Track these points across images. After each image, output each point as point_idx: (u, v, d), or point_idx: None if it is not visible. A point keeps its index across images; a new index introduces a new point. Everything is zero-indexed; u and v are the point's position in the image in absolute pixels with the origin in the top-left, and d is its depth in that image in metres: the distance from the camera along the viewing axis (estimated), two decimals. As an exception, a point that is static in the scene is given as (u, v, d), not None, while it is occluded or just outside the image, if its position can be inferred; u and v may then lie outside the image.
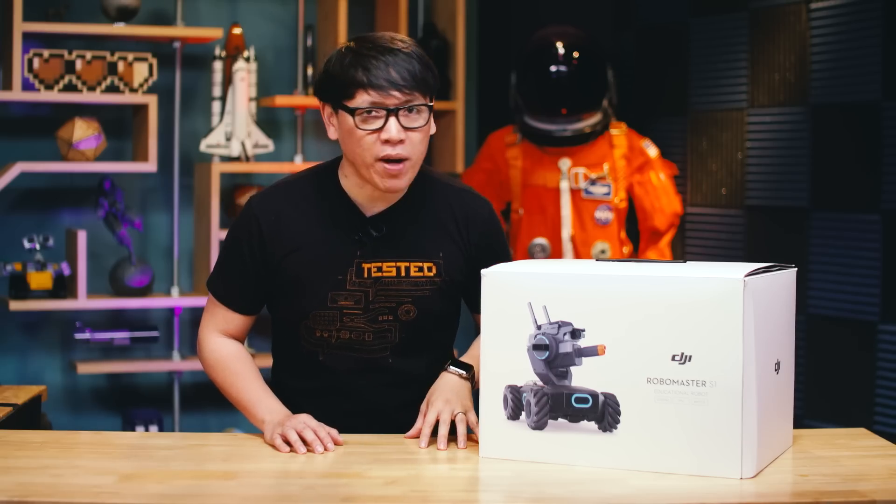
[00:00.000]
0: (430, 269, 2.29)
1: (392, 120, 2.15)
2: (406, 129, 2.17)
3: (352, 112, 2.17)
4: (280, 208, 2.29)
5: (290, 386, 2.37)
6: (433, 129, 2.25)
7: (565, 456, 2.03)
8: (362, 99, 2.15)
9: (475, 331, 2.44)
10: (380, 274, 2.26)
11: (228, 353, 2.34)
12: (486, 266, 2.17)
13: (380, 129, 2.16)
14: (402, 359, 2.31)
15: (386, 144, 2.16)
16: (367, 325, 2.28)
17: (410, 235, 2.28)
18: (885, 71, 3.61)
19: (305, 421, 2.16)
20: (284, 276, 2.28)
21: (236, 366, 2.32)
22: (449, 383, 2.26)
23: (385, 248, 2.27)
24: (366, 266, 2.26)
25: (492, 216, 2.38)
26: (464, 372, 2.27)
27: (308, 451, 2.11)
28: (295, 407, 2.28)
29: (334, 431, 2.16)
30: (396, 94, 2.15)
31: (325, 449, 2.11)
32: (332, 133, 2.24)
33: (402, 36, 2.23)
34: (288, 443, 2.13)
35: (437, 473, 2.01)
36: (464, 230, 2.32)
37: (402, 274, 2.27)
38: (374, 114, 2.16)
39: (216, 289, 2.35)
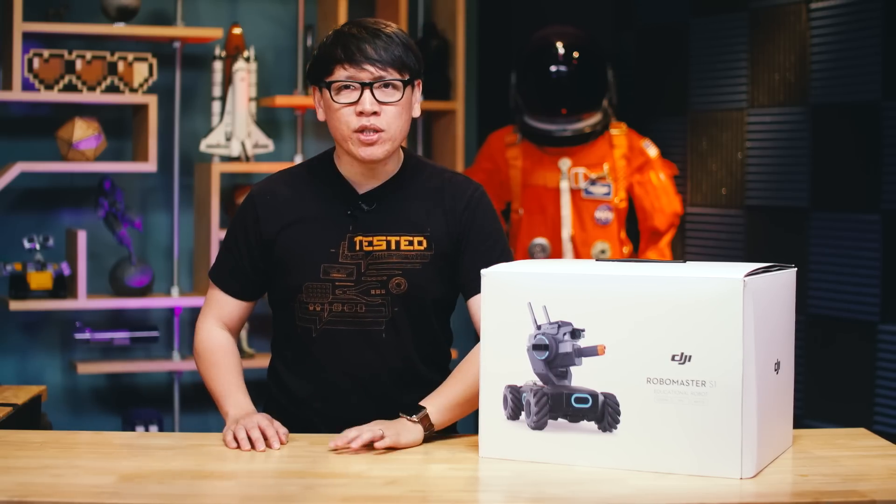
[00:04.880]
0: (420, 243, 2.35)
1: (366, 93, 2.26)
2: (380, 102, 2.27)
3: (329, 86, 2.28)
4: (276, 190, 2.40)
5: (284, 373, 2.43)
6: (416, 112, 2.36)
7: (565, 456, 2.03)
8: (339, 73, 2.28)
9: (472, 324, 2.44)
10: (371, 248, 2.33)
11: (214, 344, 2.41)
12: (475, 246, 2.31)
13: (355, 102, 2.27)
14: (396, 335, 2.35)
15: (361, 116, 2.27)
16: (359, 297, 2.33)
17: (400, 210, 2.36)
18: (885, 71, 3.61)
19: (258, 421, 2.19)
20: (279, 250, 2.36)
21: (217, 357, 2.40)
22: (397, 422, 2.21)
23: (376, 222, 2.34)
24: (357, 240, 2.33)
25: (479, 198, 2.40)
26: (414, 416, 2.21)
27: (251, 448, 2.14)
28: (289, 393, 2.37)
29: (283, 429, 2.19)
30: (370, 68, 2.26)
31: (269, 446, 2.14)
32: (320, 114, 2.35)
33: (391, 22, 2.35)
34: (237, 440, 2.16)
35: (437, 473, 2.01)
36: (450, 211, 2.37)
37: (393, 247, 2.34)
38: (350, 87, 2.27)
39: (213, 273, 2.46)
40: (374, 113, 2.26)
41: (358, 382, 2.36)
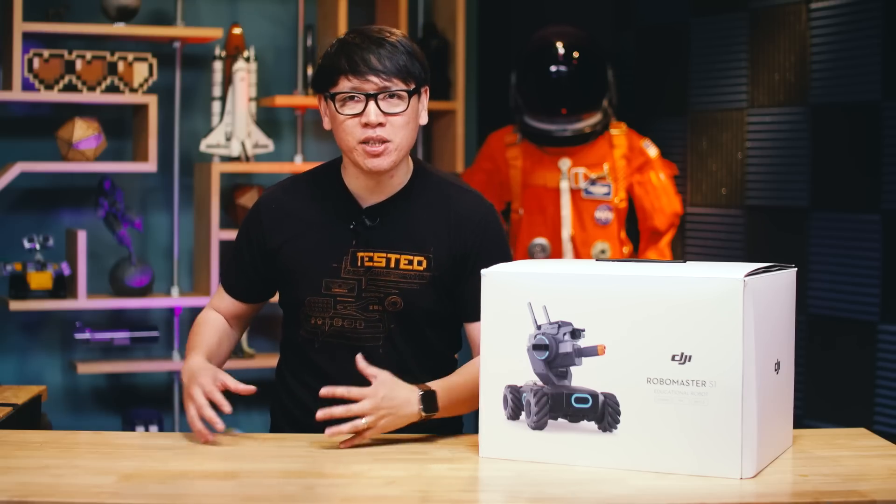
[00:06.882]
0: (419, 263, 2.32)
1: (371, 104, 2.23)
2: (386, 113, 2.24)
3: (334, 98, 2.25)
4: (281, 200, 2.39)
5: (290, 380, 2.44)
6: (424, 120, 2.34)
7: (565, 456, 2.03)
8: (343, 84, 2.25)
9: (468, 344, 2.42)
10: (371, 264, 2.32)
11: (201, 319, 2.45)
12: (477, 272, 2.19)
13: (360, 114, 2.24)
14: (393, 350, 2.34)
15: (366, 128, 2.24)
16: (358, 314, 2.33)
17: (403, 228, 2.33)
18: (885, 71, 3.61)
19: (191, 404, 2.19)
20: (283, 262, 2.36)
21: (198, 328, 2.43)
22: (401, 397, 2.17)
23: (378, 238, 2.32)
24: (360, 255, 2.32)
25: (488, 220, 2.36)
26: (421, 395, 2.18)
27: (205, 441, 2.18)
28: (293, 397, 2.39)
29: (215, 409, 2.19)
30: (374, 79, 2.23)
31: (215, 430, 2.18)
32: (326, 123, 2.33)
33: (395, 29, 2.32)
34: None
35: (437, 473, 2.01)
36: (454, 230, 2.33)
37: (392, 265, 2.32)
38: (355, 99, 2.24)
39: (221, 277, 2.51)
40: (380, 124, 2.23)
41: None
